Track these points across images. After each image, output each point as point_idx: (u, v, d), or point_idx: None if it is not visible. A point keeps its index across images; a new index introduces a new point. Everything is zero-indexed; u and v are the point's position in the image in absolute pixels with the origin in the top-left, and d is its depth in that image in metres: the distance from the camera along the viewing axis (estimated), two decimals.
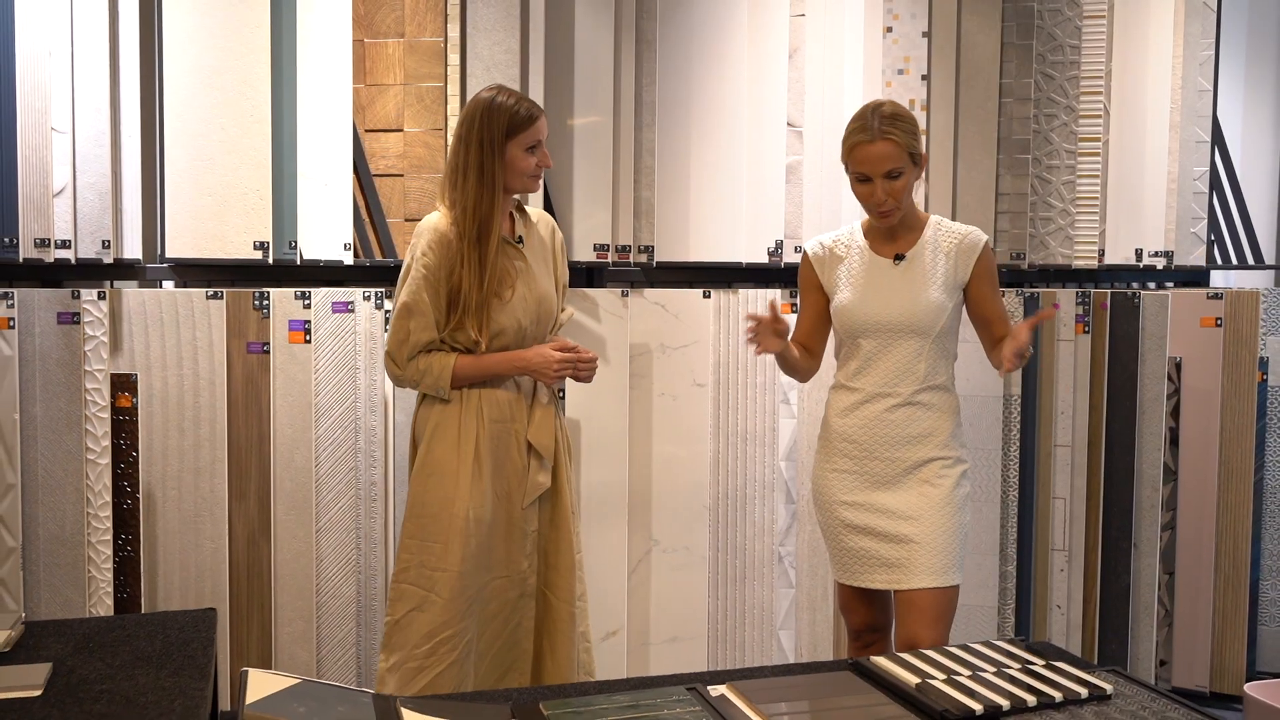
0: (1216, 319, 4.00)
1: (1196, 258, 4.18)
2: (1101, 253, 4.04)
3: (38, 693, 1.76)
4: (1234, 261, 4.32)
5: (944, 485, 2.81)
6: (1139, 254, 4.10)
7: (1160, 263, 4.11)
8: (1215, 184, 4.25)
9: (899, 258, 2.84)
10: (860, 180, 2.79)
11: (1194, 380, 4.04)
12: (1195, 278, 4.39)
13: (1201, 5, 4.08)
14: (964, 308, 2.91)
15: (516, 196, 2.92)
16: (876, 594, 2.91)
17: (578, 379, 2.93)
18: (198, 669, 1.89)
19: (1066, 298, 3.95)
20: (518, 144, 2.81)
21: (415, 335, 2.80)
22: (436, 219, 2.85)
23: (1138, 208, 4.10)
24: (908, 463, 2.83)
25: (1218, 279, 4.54)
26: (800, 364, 2.97)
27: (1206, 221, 4.17)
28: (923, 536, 2.79)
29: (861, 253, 2.89)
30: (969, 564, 3.82)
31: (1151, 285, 4.32)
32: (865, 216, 2.93)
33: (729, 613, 3.77)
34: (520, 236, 2.93)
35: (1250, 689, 3.34)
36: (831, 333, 3.00)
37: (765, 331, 2.79)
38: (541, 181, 2.98)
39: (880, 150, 2.72)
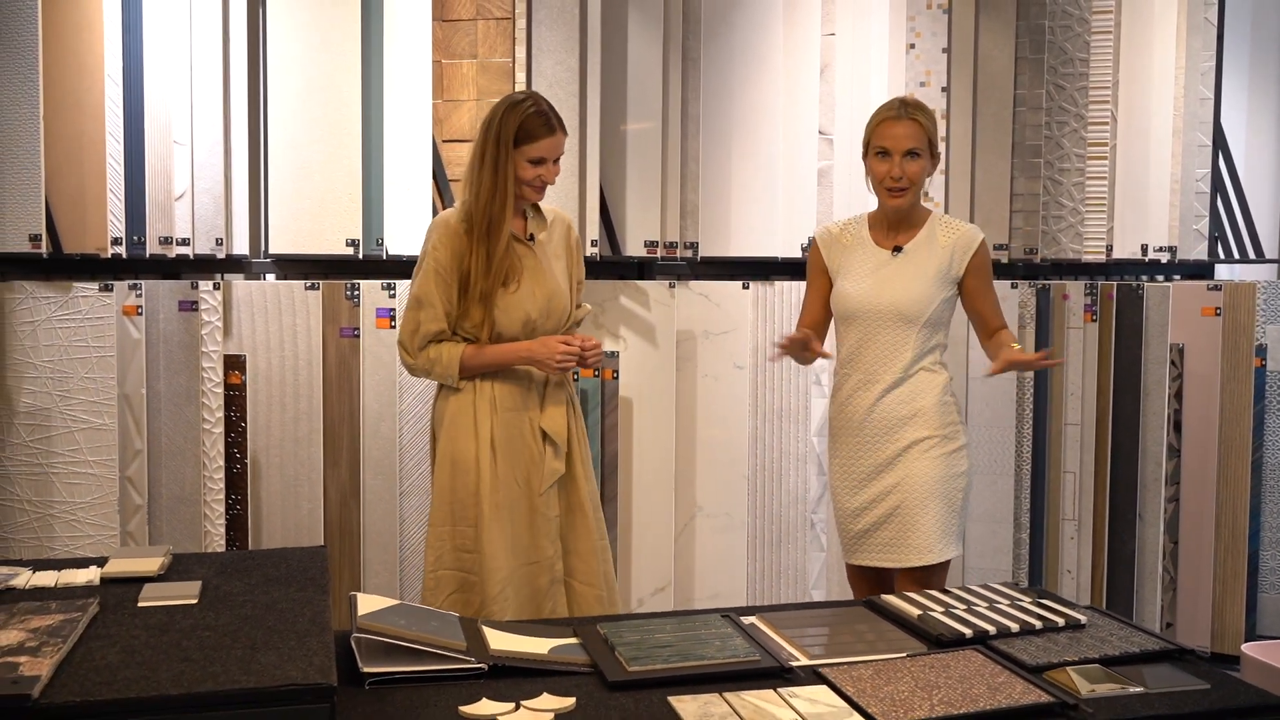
0: (1216, 309, 4.10)
1: (1199, 253, 4.27)
2: (1109, 248, 4.14)
3: (194, 601, 2.07)
4: (1236, 256, 4.40)
5: (930, 462, 2.83)
6: (1144, 249, 4.19)
7: (1164, 257, 4.21)
8: (1219, 184, 4.33)
9: (897, 250, 2.89)
10: (880, 155, 2.82)
11: (1195, 366, 4.14)
12: (1200, 271, 4.48)
13: (1203, 20, 4.18)
14: (959, 301, 2.94)
15: None
16: (877, 571, 2.94)
17: (586, 365, 2.88)
18: (319, 588, 2.18)
19: (1076, 289, 4.07)
20: (521, 154, 2.78)
21: (425, 326, 2.82)
22: (448, 213, 2.85)
23: (1143, 207, 4.20)
24: (898, 443, 2.85)
25: (1222, 272, 4.61)
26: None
27: (1208, 219, 4.26)
28: (910, 517, 2.82)
29: (864, 244, 2.92)
30: (985, 532, 3.99)
31: (1159, 278, 4.40)
32: (871, 210, 2.98)
33: (765, 573, 3.94)
34: (533, 235, 2.90)
35: (1247, 648, 3.50)
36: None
37: (795, 348, 2.84)
38: (545, 191, 2.90)
39: (905, 129, 2.80)
